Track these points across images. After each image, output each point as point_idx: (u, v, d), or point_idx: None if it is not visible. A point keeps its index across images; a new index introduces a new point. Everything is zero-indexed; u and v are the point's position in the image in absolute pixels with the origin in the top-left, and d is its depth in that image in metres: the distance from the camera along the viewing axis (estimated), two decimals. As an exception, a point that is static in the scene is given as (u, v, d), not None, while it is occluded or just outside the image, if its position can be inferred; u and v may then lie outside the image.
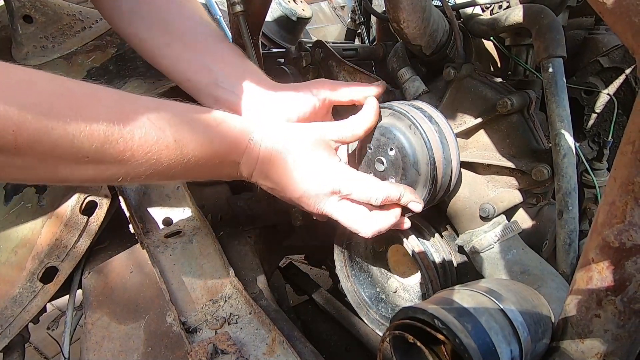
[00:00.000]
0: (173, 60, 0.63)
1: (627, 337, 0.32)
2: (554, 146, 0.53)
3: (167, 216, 0.76)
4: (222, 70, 0.61)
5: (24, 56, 0.79)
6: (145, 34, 0.63)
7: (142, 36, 0.64)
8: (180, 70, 0.63)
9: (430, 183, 0.54)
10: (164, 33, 0.63)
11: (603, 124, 0.67)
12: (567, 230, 0.53)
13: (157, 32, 0.63)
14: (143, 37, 0.64)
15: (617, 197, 0.30)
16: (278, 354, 0.58)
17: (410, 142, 0.55)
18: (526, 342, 0.32)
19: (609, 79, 0.64)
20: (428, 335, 0.32)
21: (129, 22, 0.63)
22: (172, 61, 0.63)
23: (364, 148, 0.61)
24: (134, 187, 0.77)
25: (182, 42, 0.62)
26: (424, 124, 0.54)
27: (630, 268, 0.30)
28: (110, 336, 0.64)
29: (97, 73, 0.80)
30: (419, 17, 0.58)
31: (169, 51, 0.62)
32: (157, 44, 0.63)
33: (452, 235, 0.67)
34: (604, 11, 0.27)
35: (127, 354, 0.62)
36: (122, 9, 0.63)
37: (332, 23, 2.47)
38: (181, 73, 0.63)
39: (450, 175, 0.57)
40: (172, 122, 0.44)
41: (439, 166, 0.54)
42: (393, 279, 0.74)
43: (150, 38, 0.63)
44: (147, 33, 0.63)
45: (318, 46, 0.74)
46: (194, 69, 0.62)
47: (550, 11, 0.54)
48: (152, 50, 0.64)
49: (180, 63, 0.63)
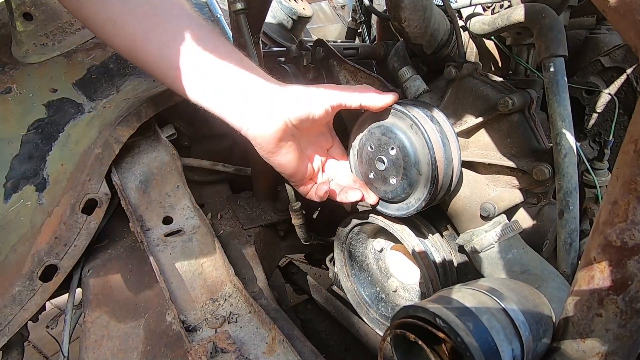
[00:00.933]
0: (160, 46, 0.55)
1: (629, 336, 0.32)
2: (555, 145, 0.53)
3: (167, 215, 0.76)
4: (220, 65, 0.55)
5: (24, 54, 0.79)
6: (125, 17, 0.55)
7: (120, 19, 0.55)
8: (168, 57, 0.56)
9: (431, 183, 0.54)
10: (151, 16, 0.55)
11: (604, 124, 0.66)
12: (568, 230, 0.52)
13: (140, 14, 0.55)
14: (122, 21, 0.55)
15: (619, 196, 0.30)
16: (278, 353, 0.57)
17: (411, 141, 0.55)
18: (527, 342, 0.32)
19: (610, 79, 0.64)
20: (429, 335, 0.32)
21: (102, 3, 0.54)
22: (158, 48, 0.56)
23: (365, 147, 0.61)
24: (133, 186, 0.76)
25: (171, 26, 0.56)
26: (426, 124, 0.54)
27: (633, 267, 0.30)
28: (110, 335, 0.64)
29: (98, 71, 0.80)
30: (420, 16, 0.58)
31: (155, 36, 0.55)
32: (143, 29, 0.55)
33: (453, 234, 0.67)
34: (607, 9, 0.27)
35: (127, 352, 0.62)
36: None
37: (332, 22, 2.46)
38: (169, 60, 0.56)
39: (451, 175, 0.56)
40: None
41: (440, 166, 0.54)
42: (393, 278, 0.74)
43: (131, 22, 0.55)
44: (127, 16, 0.55)
45: (319, 45, 0.74)
46: (184, 57, 0.55)
47: (551, 10, 0.54)
48: (134, 37, 0.56)
49: (169, 49, 0.55)
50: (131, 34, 0.56)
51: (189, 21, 0.57)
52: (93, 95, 0.79)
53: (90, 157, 0.71)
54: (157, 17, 0.56)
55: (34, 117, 0.74)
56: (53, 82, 0.77)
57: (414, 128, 0.54)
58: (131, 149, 0.78)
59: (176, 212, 0.77)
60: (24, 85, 0.76)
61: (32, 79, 0.77)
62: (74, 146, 0.73)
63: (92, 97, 0.78)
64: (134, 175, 0.77)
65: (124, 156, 0.76)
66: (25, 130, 0.73)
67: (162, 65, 0.57)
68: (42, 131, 0.73)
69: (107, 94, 0.79)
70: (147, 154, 0.79)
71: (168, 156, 0.79)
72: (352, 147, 0.65)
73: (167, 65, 0.57)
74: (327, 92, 0.58)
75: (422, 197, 0.56)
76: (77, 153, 0.73)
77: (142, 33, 0.56)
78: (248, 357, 0.56)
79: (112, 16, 0.56)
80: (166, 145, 0.79)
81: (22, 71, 0.77)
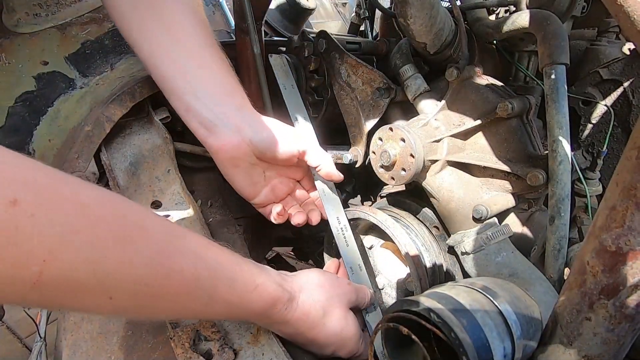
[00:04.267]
0: (153, 47, 0.57)
1: (616, 341, 0.33)
2: (551, 152, 0.53)
3: (156, 199, 0.74)
4: (205, 85, 0.57)
5: (15, 23, 0.76)
6: (129, 14, 0.57)
7: (124, 11, 0.57)
8: (158, 63, 0.58)
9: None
10: (150, 16, 0.57)
11: (598, 135, 0.68)
12: (558, 236, 0.53)
13: (143, 11, 0.56)
14: (126, 15, 0.57)
15: (617, 202, 0.30)
16: (262, 343, 0.57)
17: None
18: (519, 341, 0.32)
19: (607, 91, 0.65)
20: (420, 330, 0.32)
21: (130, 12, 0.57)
22: (151, 48, 0.57)
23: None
24: (123, 167, 0.74)
25: (168, 32, 0.57)
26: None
27: (626, 272, 0.30)
28: (90, 318, 0.62)
29: (92, 47, 0.78)
30: (426, 14, 0.58)
31: (150, 36, 0.57)
32: (139, 23, 0.57)
33: (443, 235, 0.67)
34: (619, 14, 0.27)
35: (107, 336, 0.60)
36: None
37: (332, 19, 2.46)
38: (159, 66, 0.58)
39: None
40: (213, 274, 0.42)
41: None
42: (381, 276, 0.74)
43: (133, 11, 0.56)
44: (131, 12, 0.57)
45: (322, 36, 0.73)
46: (173, 68, 0.57)
47: (556, 18, 0.54)
48: (132, 30, 0.58)
49: (159, 53, 0.57)
50: (128, 24, 0.58)
51: (185, 29, 0.58)
52: (86, 71, 0.76)
53: (79, 135, 0.68)
54: (155, 15, 0.57)
55: (23, 89, 0.71)
56: (44, 55, 0.75)
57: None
58: (122, 130, 0.76)
59: (165, 197, 0.75)
60: (14, 55, 0.73)
61: (22, 49, 0.74)
62: (63, 122, 0.71)
63: (85, 73, 0.76)
64: (124, 156, 0.75)
65: (114, 136, 0.74)
66: (13, 102, 0.70)
67: (151, 66, 0.60)
68: (30, 104, 0.71)
69: (100, 71, 0.77)
70: (139, 136, 0.77)
71: (160, 139, 0.77)
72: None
73: (156, 70, 0.59)
74: (297, 138, 0.61)
75: None
76: (66, 129, 0.71)
77: (138, 27, 0.57)
78: (232, 346, 0.56)
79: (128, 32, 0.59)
80: (159, 127, 0.77)
81: (12, 41, 0.74)
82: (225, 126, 0.57)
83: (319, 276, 0.57)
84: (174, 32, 0.58)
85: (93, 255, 0.30)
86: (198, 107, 0.57)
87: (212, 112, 0.57)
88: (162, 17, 0.58)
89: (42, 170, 0.30)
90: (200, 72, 0.57)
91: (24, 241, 0.26)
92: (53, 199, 0.29)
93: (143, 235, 0.35)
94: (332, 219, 0.67)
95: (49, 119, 0.71)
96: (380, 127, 0.64)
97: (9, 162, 0.28)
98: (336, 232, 0.67)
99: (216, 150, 0.59)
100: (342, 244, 0.67)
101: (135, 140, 0.76)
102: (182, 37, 0.58)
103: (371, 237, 0.75)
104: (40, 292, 0.28)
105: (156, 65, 0.58)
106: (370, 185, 0.93)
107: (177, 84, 0.58)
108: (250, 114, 0.59)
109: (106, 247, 0.31)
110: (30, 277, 0.27)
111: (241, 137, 0.58)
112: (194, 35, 0.59)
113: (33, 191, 0.28)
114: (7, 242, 0.26)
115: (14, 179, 0.27)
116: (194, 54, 0.58)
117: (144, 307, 0.38)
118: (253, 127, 0.58)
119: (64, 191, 0.31)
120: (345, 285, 0.58)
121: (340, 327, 0.54)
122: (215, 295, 0.42)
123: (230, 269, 0.45)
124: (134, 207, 0.38)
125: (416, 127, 0.62)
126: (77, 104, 0.72)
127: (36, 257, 0.27)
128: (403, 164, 0.61)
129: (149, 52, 0.58)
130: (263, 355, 0.55)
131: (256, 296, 0.47)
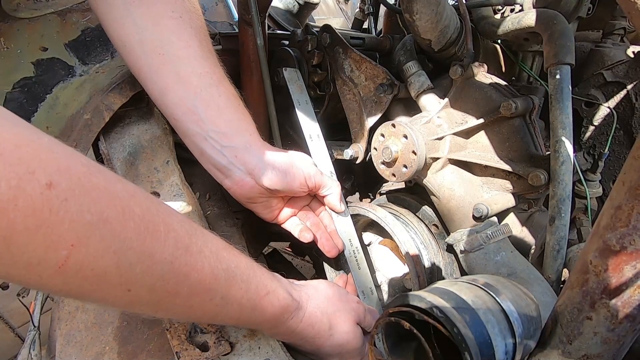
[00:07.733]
0: (162, 90, 0.57)
1: (616, 340, 0.33)
2: (553, 153, 0.53)
3: (155, 190, 0.74)
4: (214, 124, 0.57)
5: (14, 7, 0.75)
6: (134, 45, 0.55)
7: (132, 48, 0.55)
8: (168, 105, 0.57)
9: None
10: (157, 55, 0.55)
11: (600, 137, 0.68)
12: (557, 237, 0.53)
13: (149, 48, 0.55)
14: (130, 47, 0.55)
15: (623, 201, 0.30)
16: (259, 337, 0.56)
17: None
18: (520, 338, 0.32)
19: (611, 93, 0.66)
20: (421, 326, 0.32)
21: (121, 19, 0.54)
22: (160, 91, 0.57)
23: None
24: (121, 157, 0.73)
25: (175, 71, 0.56)
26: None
27: (629, 272, 0.30)
28: (84, 307, 0.62)
29: (93, 34, 0.77)
30: (432, 10, 0.58)
31: (158, 79, 0.56)
32: (148, 65, 0.56)
33: (442, 233, 0.67)
34: (633, 12, 0.27)
35: (101, 326, 0.60)
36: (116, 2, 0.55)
37: (334, 16, 2.45)
38: (169, 108, 0.58)
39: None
40: (229, 275, 0.43)
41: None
42: (378, 272, 0.74)
43: (138, 53, 0.56)
44: (135, 45, 0.55)
45: (326, 31, 0.72)
46: (183, 110, 0.57)
47: (563, 18, 0.54)
48: (139, 69, 0.57)
49: (169, 96, 0.57)
50: (137, 66, 0.58)
51: (192, 67, 0.57)
52: (86, 58, 0.75)
53: (78, 123, 0.67)
54: (162, 57, 0.56)
55: (21, 75, 0.70)
56: (44, 40, 0.74)
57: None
58: (122, 119, 0.75)
59: (164, 188, 0.74)
60: (12, 40, 0.72)
61: (21, 34, 0.73)
62: (61, 109, 0.70)
63: (85, 61, 0.75)
64: (122, 146, 0.74)
65: (113, 125, 0.73)
66: (10, 88, 0.69)
67: (162, 108, 0.60)
68: (28, 90, 0.69)
69: (100, 59, 0.76)
70: (138, 126, 0.76)
71: (160, 130, 0.77)
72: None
73: (166, 111, 0.59)
74: (308, 170, 0.62)
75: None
76: (65, 117, 0.70)
77: (147, 68, 0.57)
78: (228, 339, 0.55)
79: (123, 38, 0.56)
80: (159, 118, 0.77)
81: (11, 25, 0.73)
82: (238, 169, 0.59)
83: (327, 288, 0.58)
84: (182, 73, 0.57)
85: (118, 245, 0.31)
86: (210, 152, 0.59)
87: (224, 155, 0.59)
88: (170, 55, 0.56)
89: (77, 158, 0.31)
90: (209, 113, 0.58)
91: (56, 224, 0.27)
92: (86, 187, 0.29)
93: (168, 231, 0.35)
94: (344, 240, 0.66)
95: (47, 106, 0.70)
96: (383, 124, 0.64)
97: (45, 146, 0.29)
98: (348, 255, 0.66)
99: (233, 191, 0.62)
100: (354, 266, 0.67)
101: (135, 130, 0.75)
102: (188, 77, 0.57)
103: (370, 234, 0.75)
104: (64, 277, 0.29)
105: (166, 105, 0.59)
106: (369, 182, 0.93)
107: (188, 126, 0.59)
108: (258, 153, 0.59)
109: (131, 239, 0.32)
110: (57, 261, 0.28)
111: (254, 180, 0.60)
112: (198, 69, 0.58)
113: (67, 176, 0.28)
114: (40, 223, 0.26)
115: (50, 163, 0.28)
116: (201, 93, 0.58)
117: (159, 304, 0.38)
118: (263, 168, 0.59)
119: (97, 181, 0.31)
120: (355, 302, 0.59)
121: (346, 340, 0.55)
122: (229, 296, 0.43)
123: (245, 273, 0.45)
124: (161, 204, 0.38)
125: (419, 124, 0.62)
126: (76, 92, 0.71)
127: (65, 241, 0.28)
128: (405, 160, 0.61)
129: (158, 95, 0.59)
130: (259, 348, 0.55)
131: (267, 302, 0.47)
